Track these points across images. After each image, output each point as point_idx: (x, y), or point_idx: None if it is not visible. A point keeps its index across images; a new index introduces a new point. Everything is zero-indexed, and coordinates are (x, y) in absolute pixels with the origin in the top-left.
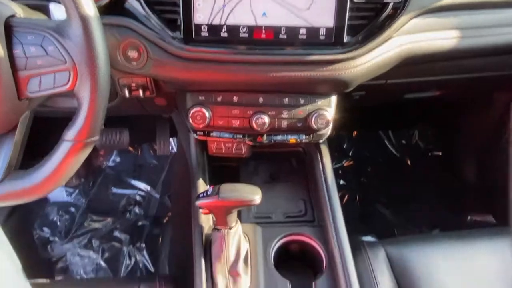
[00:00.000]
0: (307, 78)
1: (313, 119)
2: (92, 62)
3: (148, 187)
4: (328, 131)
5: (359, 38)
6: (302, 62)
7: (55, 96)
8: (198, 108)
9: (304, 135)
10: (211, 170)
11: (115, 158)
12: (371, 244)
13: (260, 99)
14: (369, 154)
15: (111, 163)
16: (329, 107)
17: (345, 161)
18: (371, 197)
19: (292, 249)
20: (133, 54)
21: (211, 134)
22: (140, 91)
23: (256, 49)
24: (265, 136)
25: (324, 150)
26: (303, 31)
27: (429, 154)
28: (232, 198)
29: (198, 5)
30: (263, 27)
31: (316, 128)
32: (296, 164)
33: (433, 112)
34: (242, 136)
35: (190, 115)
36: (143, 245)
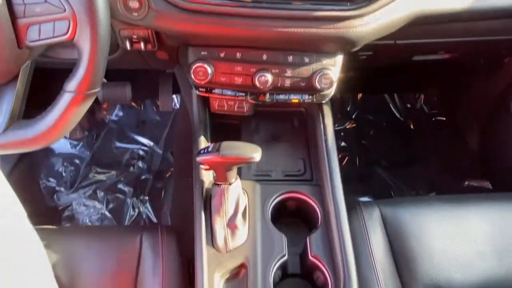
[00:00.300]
0: (313, 35)
1: (317, 79)
2: (91, 11)
3: (151, 143)
4: (332, 91)
5: None
6: (309, 18)
7: (55, 46)
8: (200, 64)
9: (307, 95)
10: (213, 127)
11: (118, 112)
12: (367, 204)
13: (264, 56)
14: (372, 118)
15: (114, 117)
16: (334, 67)
17: (348, 123)
18: (371, 159)
19: (289, 206)
20: (134, 4)
21: (213, 91)
22: (142, 44)
23: (262, 2)
24: (267, 94)
25: (327, 110)
26: None
27: (433, 119)
28: (232, 155)
29: None
30: None
31: (320, 88)
32: (297, 124)
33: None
34: (244, 94)
35: (192, 71)
36: (146, 197)
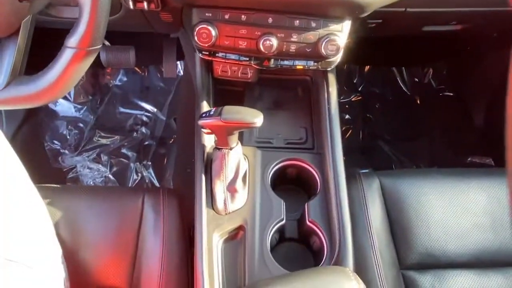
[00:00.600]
0: None
1: (323, 45)
2: None
3: (155, 109)
4: (338, 59)
5: None
6: None
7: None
8: (204, 25)
9: (312, 62)
10: (216, 93)
11: (122, 77)
12: (367, 174)
13: (270, 20)
14: (379, 91)
15: (118, 82)
16: (341, 33)
17: (353, 96)
18: (375, 133)
19: (289, 173)
20: None
21: (217, 54)
22: (145, 3)
23: None
24: (272, 60)
25: (332, 78)
26: None
27: (440, 94)
28: (233, 120)
29: None
30: None
31: (326, 55)
32: (301, 93)
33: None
34: (248, 59)
35: (195, 33)
36: (149, 162)
